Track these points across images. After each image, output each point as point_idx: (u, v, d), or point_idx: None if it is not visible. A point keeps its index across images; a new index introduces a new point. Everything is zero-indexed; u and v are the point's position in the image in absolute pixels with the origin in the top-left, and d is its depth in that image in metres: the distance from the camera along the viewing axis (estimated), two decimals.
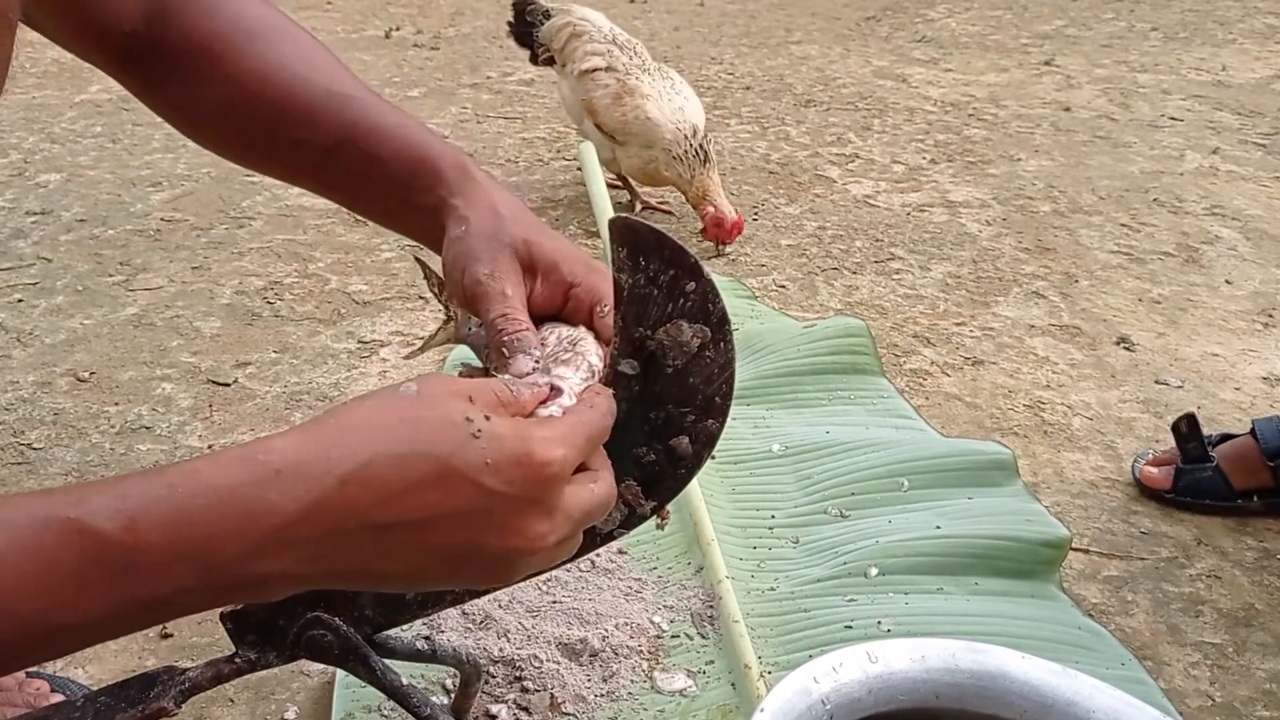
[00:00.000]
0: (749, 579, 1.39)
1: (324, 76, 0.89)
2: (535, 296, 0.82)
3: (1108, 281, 2.35)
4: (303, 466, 0.60)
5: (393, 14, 4.96)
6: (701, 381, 0.75)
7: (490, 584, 0.68)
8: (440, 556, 0.63)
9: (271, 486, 0.59)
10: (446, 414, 0.63)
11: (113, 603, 0.57)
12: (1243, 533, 1.57)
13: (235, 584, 0.59)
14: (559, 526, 0.66)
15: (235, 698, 1.26)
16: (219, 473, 0.59)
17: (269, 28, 0.91)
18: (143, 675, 0.81)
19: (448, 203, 0.85)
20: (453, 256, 0.82)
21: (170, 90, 0.91)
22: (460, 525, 0.63)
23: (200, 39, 0.89)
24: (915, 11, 5.10)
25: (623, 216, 0.74)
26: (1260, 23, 4.70)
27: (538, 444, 0.64)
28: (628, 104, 2.63)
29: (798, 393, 1.80)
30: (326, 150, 0.87)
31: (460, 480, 0.62)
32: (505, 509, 0.63)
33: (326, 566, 0.61)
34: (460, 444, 0.62)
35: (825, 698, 0.92)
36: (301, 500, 0.59)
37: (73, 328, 2.13)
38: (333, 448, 0.61)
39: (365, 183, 0.87)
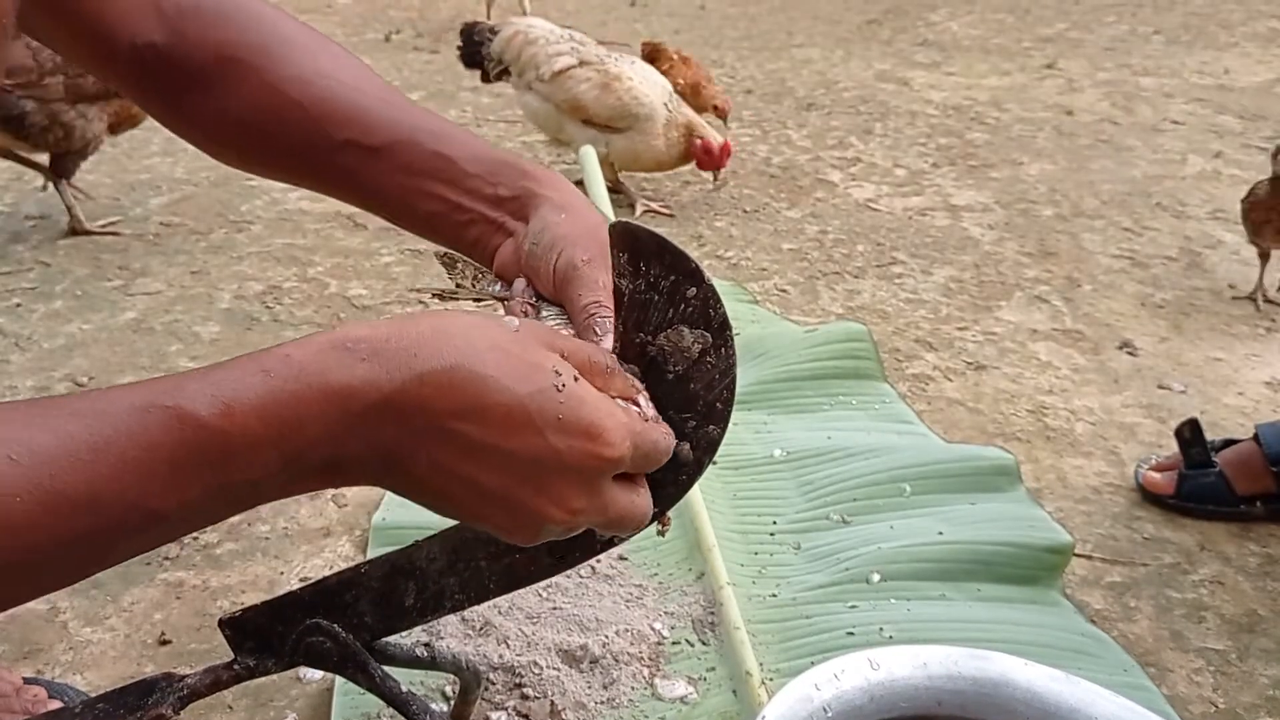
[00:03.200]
0: (750, 585, 1.39)
1: (376, 85, 0.90)
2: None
3: (1110, 286, 2.35)
4: (389, 356, 0.61)
5: (393, 17, 4.96)
6: (703, 387, 0.74)
7: (508, 537, 0.68)
8: (477, 490, 0.63)
9: (357, 372, 0.60)
10: (538, 359, 0.64)
11: (209, 487, 0.58)
12: (1246, 538, 1.56)
13: (312, 468, 0.61)
14: (592, 510, 0.66)
15: (234, 704, 1.25)
16: (311, 359, 0.60)
17: (306, 38, 0.91)
18: (141, 681, 0.81)
19: (537, 194, 0.85)
20: (549, 239, 0.81)
21: (193, 102, 0.90)
22: (507, 467, 0.63)
23: (228, 50, 0.88)
24: (917, 15, 5.10)
25: (623, 221, 0.74)
26: (1263, 26, 4.70)
27: (611, 424, 0.65)
28: (617, 89, 2.65)
29: (799, 398, 1.80)
30: (379, 149, 0.86)
31: (527, 423, 0.62)
32: (554, 469, 0.63)
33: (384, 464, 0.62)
34: (541, 389, 0.63)
35: (827, 705, 0.92)
36: (382, 389, 0.60)
37: (71, 332, 2.12)
38: (421, 346, 0.62)
39: (422, 179, 0.86)
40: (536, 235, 0.82)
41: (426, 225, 0.89)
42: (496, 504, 0.64)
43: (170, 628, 1.38)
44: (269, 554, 1.52)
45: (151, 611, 1.41)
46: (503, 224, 0.86)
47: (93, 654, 1.35)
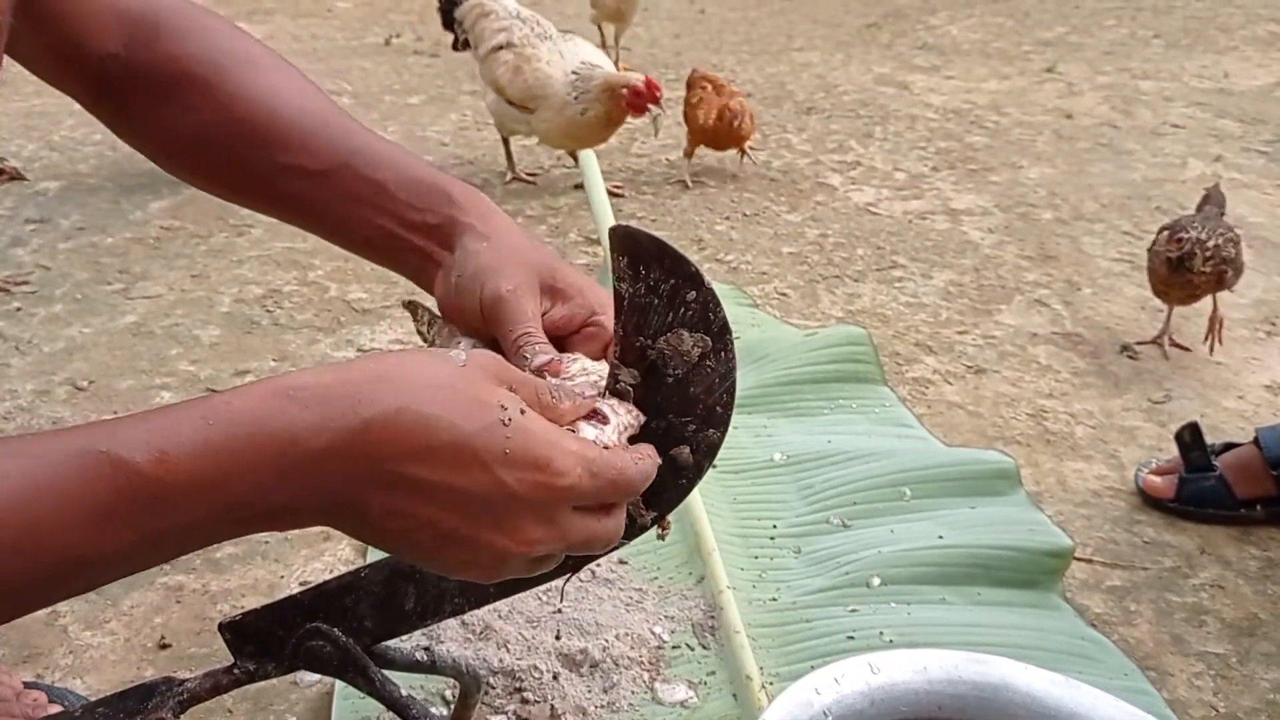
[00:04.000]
0: (750, 589, 1.39)
1: (322, 107, 0.89)
2: (554, 317, 0.82)
3: (1110, 289, 2.35)
4: (330, 405, 0.61)
5: (393, 21, 4.96)
6: (702, 391, 0.74)
7: (470, 575, 0.68)
8: (433, 530, 0.63)
9: (299, 421, 0.60)
10: (483, 395, 0.64)
11: (143, 532, 0.58)
12: (1246, 542, 1.56)
13: (255, 515, 0.61)
14: (551, 539, 0.66)
15: (234, 708, 1.25)
16: (250, 405, 0.60)
17: (262, 57, 0.90)
18: (141, 686, 0.81)
19: (460, 221, 0.84)
20: (472, 270, 0.81)
21: (148, 116, 0.90)
22: (460, 505, 0.63)
23: (187, 65, 0.88)
24: (917, 18, 5.10)
25: (624, 225, 0.74)
26: (1263, 30, 4.70)
27: (560, 455, 0.64)
28: (525, 71, 2.71)
29: (799, 401, 1.80)
30: (320, 174, 0.86)
31: (475, 460, 0.62)
32: (506, 504, 0.63)
33: (333, 511, 0.62)
34: (487, 425, 0.62)
35: (827, 709, 0.92)
36: (324, 437, 0.60)
37: (71, 336, 2.12)
38: (364, 391, 0.62)
39: (358, 205, 0.86)
40: (461, 267, 0.82)
41: (367, 250, 0.89)
42: (453, 543, 0.64)
43: (170, 632, 1.38)
44: (269, 558, 1.52)
45: (151, 615, 1.41)
46: (431, 254, 0.85)
47: (93, 658, 1.35)
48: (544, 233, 2.63)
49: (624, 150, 3.25)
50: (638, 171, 3.06)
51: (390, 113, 3.57)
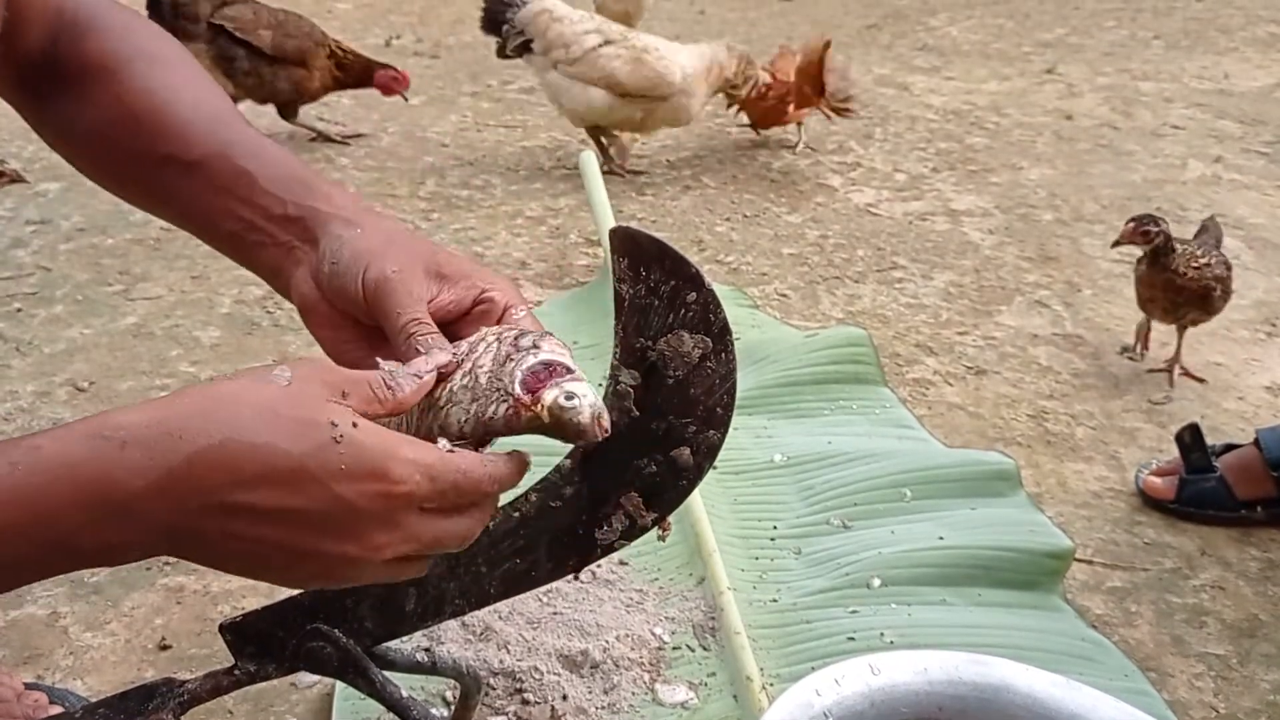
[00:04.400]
0: (751, 590, 1.39)
1: (211, 104, 0.89)
2: (443, 303, 0.79)
3: (1111, 290, 2.35)
4: (150, 443, 0.60)
5: (393, 22, 4.96)
6: (703, 392, 0.74)
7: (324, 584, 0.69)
8: (280, 550, 0.64)
9: (115, 462, 0.60)
10: (311, 414, 0.63)
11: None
12: (1247, 543, 1.56)
13: (79, 553, 0.60)
14: (398, 543, 0.66)
15: (234, 709, 1.25)
16: (62, 449, 0.60)
17: (168, 56, 0.91)
18: (142, 687, 0.81)
19: (323, 212, 0.82)
20: (349, 254, 0.79)
21: (52, 107, 0.91)
22: (303, 524, 0.63)
23: (97, 59, 0.88)
24: (916, 19, 5.10)
25: (624, 226, 0.74)
26: (1263, 31, 4.69)
27: (396, 464, 0.64)
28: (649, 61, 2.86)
29: (800, 403, 1.80)
30: (193, 163, 0.85)
31: (311, 481, 0.62)
32: (349, 517, 0.63)
33: (170, 543, 0.62)
34: (319, 445, 0.62)
35: (828, 710, 0.92)
36: (147, 475, 0.60)
37: (72, 337, 2.12)
38: (186, 426, 0.61)
39: (224, 196, 0.85)
40: (334, 254, 0.80)
41: (230, 245, 0.87)
42: (301, 558, 0.64)
43: (171, 633, 1.38)
44: None
45: (152, 616, 1.41)
46: (292, 247, 0.83)
47: (93, 659, 1.35)
48: (544, 234, 2.63)
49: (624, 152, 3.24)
50: (638, 173, 3.06)
51: (390, 114, 3.56)
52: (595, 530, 0.78)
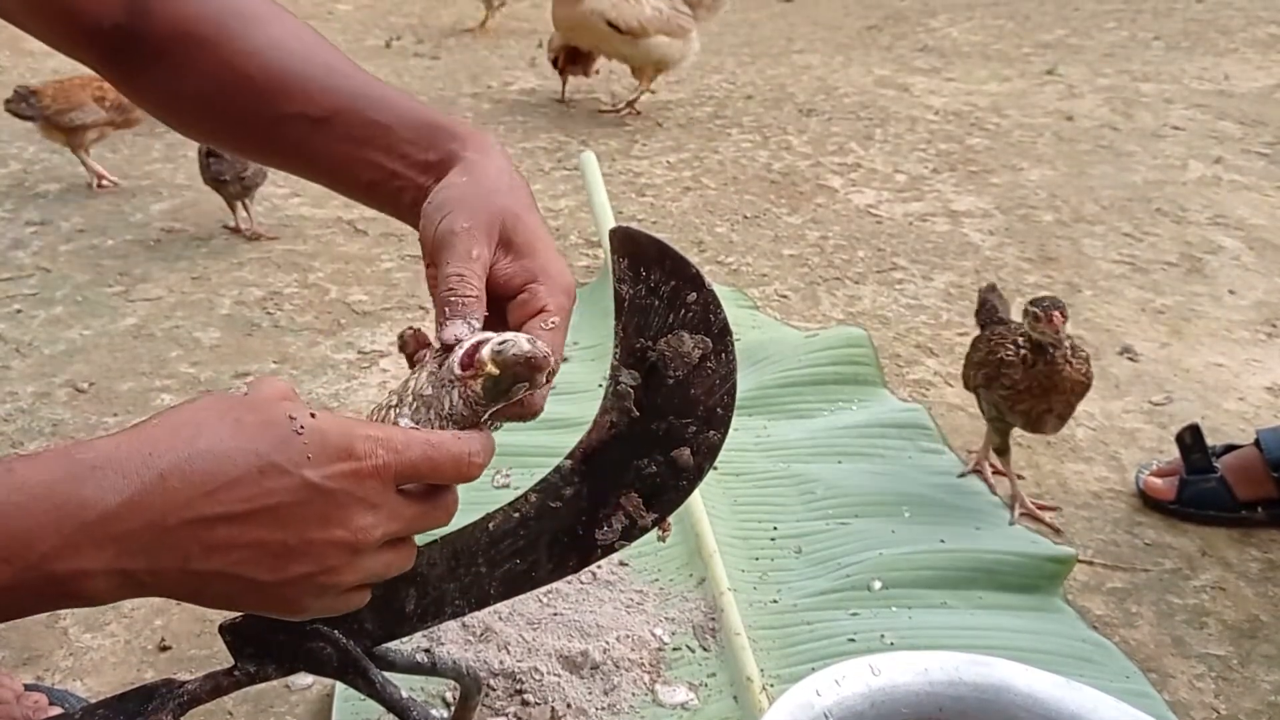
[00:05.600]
0: (751, 591, 1.39)
1: (321, 54, 0.89)
2: (501, 270, 0.79)
3: (1111, 291, 2.35)
4: (122, 462, 0.61)
5: (393, 24, 4.96)
6: (703, 393, 0.74)
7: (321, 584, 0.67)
8: (265, 551, 0.63)
9: (88, 482, 0.60)
10: (269, 414, 0.64)
11: None
12: (1247, 544, 1.56)
13: (51, 581, 0.59)
14: (384, 521, 0.66)
15: (234, 710, 1.25)
16: (33, 471, 0.60)
17: (257, 11, 0.91)
18: (141, 688, 0.81)
19: (459, 156, 0.83)
20: (440, 200, 0.80)
21: (152, 78, 0.91)
22: (283, 518, 0.63)
23: (185, 25, 0.89)
24: (917, 20, 5.10)
25: (624, 227, 0.74)
26: (1263, 32, 4.69)
27: (360, 441, 0.65)
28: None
29: (800, 403, 1.80)
30: (322, 120, 0.86)
31: (281, 473, 0.63)
32: (326, 501, 0.64)
33: (148, 563, 0.61)
34: (282, 440, 0.63)
35: (828, 711, 0.92)
36: (120, 493, 0.60)
37: (72, 338, 2.12)
38: (154, 444, 0.62)
39: (361, 147, 0.86)
40: (434, 196, 0.81)
41: (368, 194, 0.89)
42: (290, 557, 0.64)
43: (170, 634, 1.38)
44: None
45: (152, 617, 1.41)
46: (428, 189, 0.84)
47: (93, 660, 1.35)
48: None
49: (624, 153, 3.25)
50: (638, 174, 3.06)
51: None
52: (595, 531, 0.78)
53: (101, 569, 0.60)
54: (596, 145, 3.27)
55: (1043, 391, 1.45)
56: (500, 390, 0.70)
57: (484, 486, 0.77)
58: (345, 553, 0.65)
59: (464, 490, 0.71)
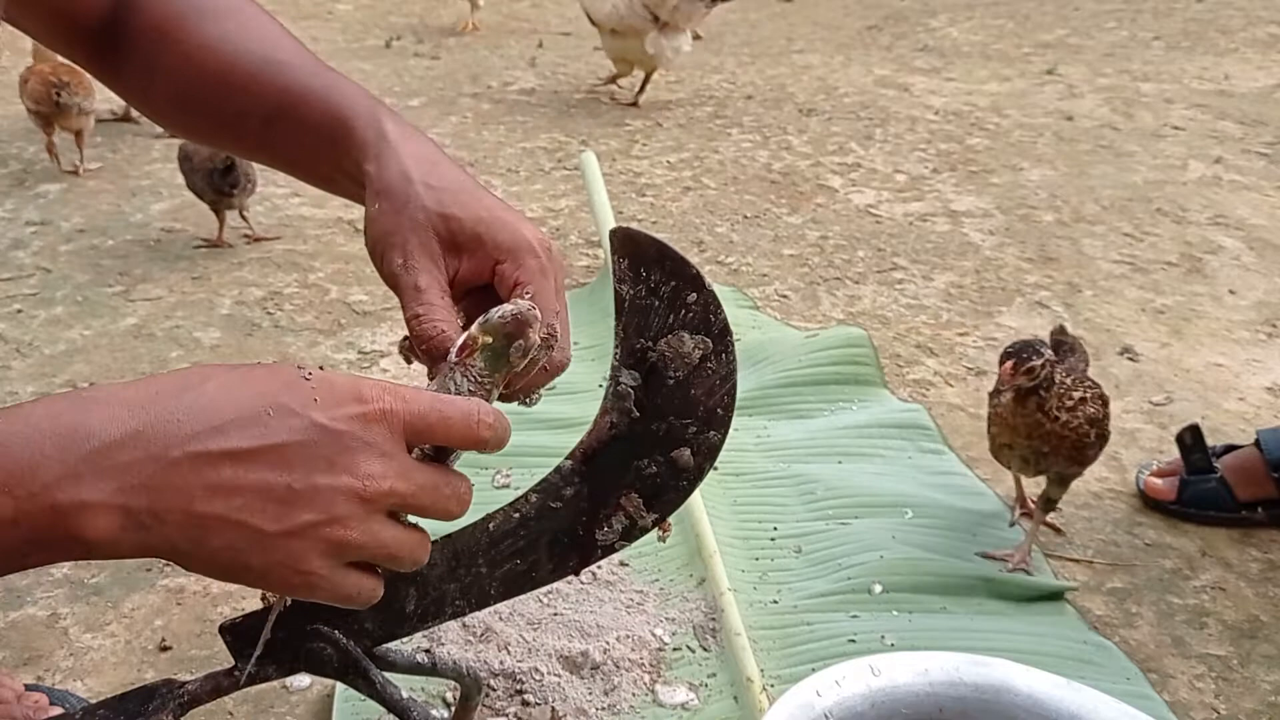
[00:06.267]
0: (751, 591, 1.39)
1: (263, 46, 0.89)
2: (463, 274, 0.80)
3: (1111, 291, 2.35)
4: (127, 398, 0.61)
5: (393, 24, 4.96)
6: (703, 393, 0.74)
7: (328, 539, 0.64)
8: (270, 496, 0.62)
9: (92, 413, 0.59)
10: (277, 367, 0.65)
11: None
12: (1247, 544, 1.56)
13: (53, 513, 0.58)
14: (393, 475, 0.65)
15: (234, 710, 1.25)
16: (43, 406, 0.60)
17: (218, 6, 0.92)
18: (141, 688, 0.81)
19: (366, 171, 0.82)
20: (372, 240, 0.80)
21: (129, 73, 0.93)
22: (289, 458, 0.62)
23: (157, 21, 0.90)
24: (917, 20, 5.10)
25: (624, 227, 0.74)
26: (1263, 32, 4.70)
27: (368, 386, 0.65)
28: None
29: (800, 403, 1.80)
30: (267, 119, 0.87)
31: (288, 413, 0.62)
32: (333, 443, 0.63)
33: (150, 500, 0.60)
34: (290, 382, 0.63)
35: (828, 711, 0.92)
36: (125, 424, 0.59)
37: (72, 338, 2.12)
38: (161, 386, 0.62)
39: (302, 150, 0.87)
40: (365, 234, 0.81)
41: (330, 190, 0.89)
42: (296, 504, 0.62)
43: (171, 634, 1.38)
44: None
45: (152, 618, 1.41)
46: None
47: (93, 660, 1.35)
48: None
49: (624, 153, 3.25)
50: (638, 174, 3.07)
51: None
52: (595, 531, 0.78)
53: (102, 502, 0.59)
54: (596, 145, 3.27)
55: (1009, 428, 1.42)
56: (499, 356, 0.71)
57: (484, 486, 0.78)
58: (353, 501, 0.64)
59: None
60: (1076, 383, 1.42)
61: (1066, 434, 1.39)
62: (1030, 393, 1.38)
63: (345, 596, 0.68)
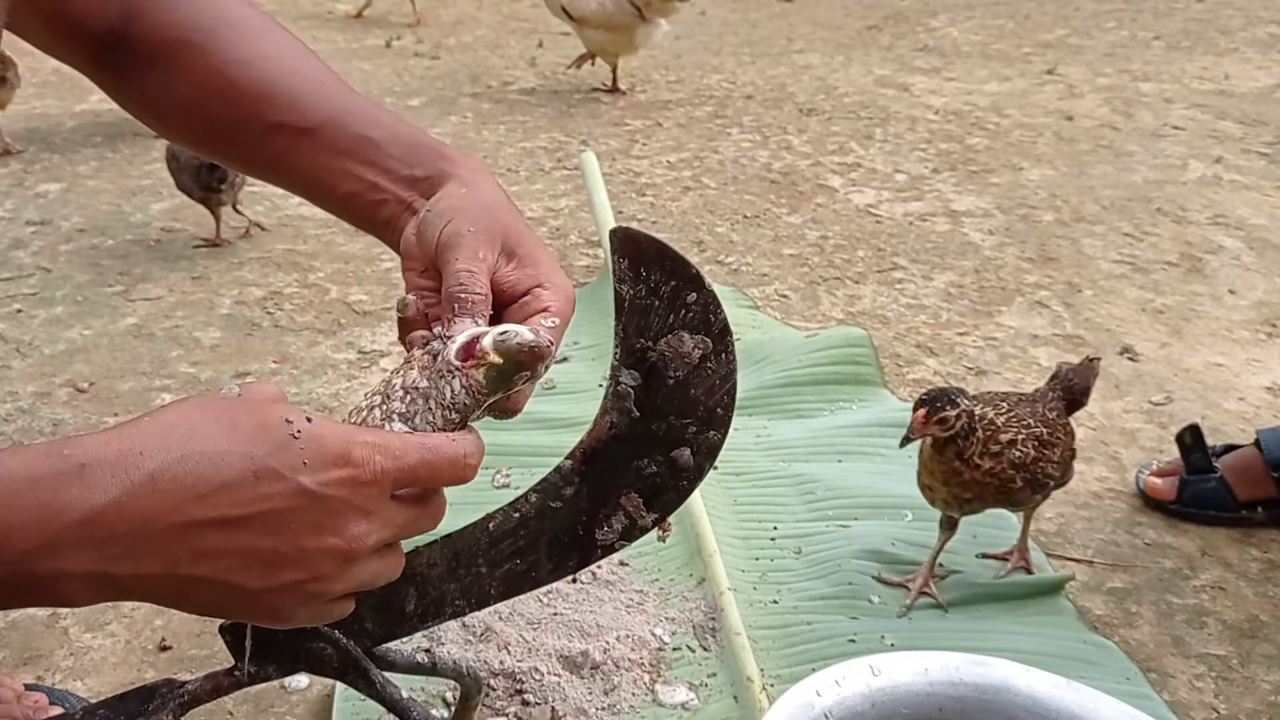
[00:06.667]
0: (751, 591, 1.39)
1: (308, 67, 0.90)
2: (504, 276, 0.80)
3: (1111, 291, 2.35)
4: (112, 462, 0.59)
5: (394, 24, 4.96)
6: (703, 393, 0.74)
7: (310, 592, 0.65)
8: (255, 559, 0.62)
9: (75, 481, 0.58)
10: (265, 417, 0.63)
11: None
12: (1247, 544, 1.56)
13: (30, 579, 0.58)
14: (378, 529, 0.65)
15: (234, 710, 1.25)
16: (19, 465, 0.58)
17: (250, 22, 0.92)
18: (142, 688, 0.81)
19: (448, 172, 0.84)
20: (442, 208, 0.81)
21: (141, 83, 0.92)
22: (275, 525, 0.61)
23: (176, 32, 0.89)
24: (917, 20, 5.10)
25: (624, 227, 0.74)
26: (1263, 32, 4.70)
27: (358, 448, 0.64)
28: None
29: (800, 403, 1.80)
30: (307, 130, 0.87)
31: (276, 478, 0.61)
32: (321, 509, 0.62)
33: (132, 567, 0.60)
34: (278, 444, 0.62)
35: (828, 711, 0.92)
36: (108, 493, 0.58)
37: (72, 338, 2.12)
38: (145, 444, 0.60)
39: (344, 159, 0.86)
40: (433, 204, 0.82)
41: (344, 206, 0.89)
42: (281, 566, 0.63)
43: (171, 634, 1.38)
44: None
45: (152, 618, 1.41)
46: (412, 204, 0.85)
47: (93, 660, 1.35)
48: (544, 234, 2.63)
49: (624, 153, 3.25)
50: (638, 174, 3.07)
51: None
52: (595, 531, 0.78)
53: (81, 571, 0.59)
54: (596, 145, 3.27)
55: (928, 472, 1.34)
56: (503, 379, 0.70)
57: (484, 486, 0.78)
58: (337, 561, 0.64)
59: (464, 490, 0.71)
60: (1011, 423, 1.32)
61: (988, 480, 1.30)
62: (949, 441, 1.30)
63: (319, 621, 0.70)
